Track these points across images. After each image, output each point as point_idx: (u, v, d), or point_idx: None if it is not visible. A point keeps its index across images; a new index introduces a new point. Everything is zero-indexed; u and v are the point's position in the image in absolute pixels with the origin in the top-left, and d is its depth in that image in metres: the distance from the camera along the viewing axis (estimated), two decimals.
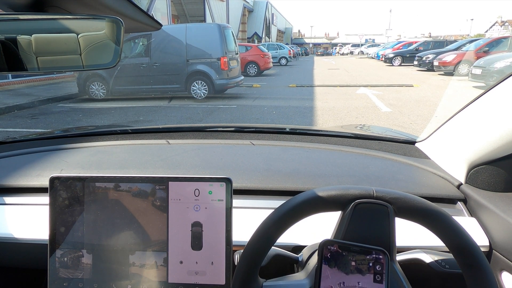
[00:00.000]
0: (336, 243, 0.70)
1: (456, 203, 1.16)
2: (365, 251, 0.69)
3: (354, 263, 0.69)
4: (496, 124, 1.02)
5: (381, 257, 0.68)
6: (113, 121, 8.32)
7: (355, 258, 0.69)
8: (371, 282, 0.68)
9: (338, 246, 0.69)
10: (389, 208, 0.75)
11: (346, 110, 8.79)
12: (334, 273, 0.68)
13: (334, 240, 0.70)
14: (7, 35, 0.74)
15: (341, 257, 0.69)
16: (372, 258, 0.68)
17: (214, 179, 0.90)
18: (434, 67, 17.83)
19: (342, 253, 0.69)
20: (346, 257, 0.69)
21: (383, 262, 0.68)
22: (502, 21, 78.59)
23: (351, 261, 0.68)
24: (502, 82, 1.03)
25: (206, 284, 0.90)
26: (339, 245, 0.70)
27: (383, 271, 0.68)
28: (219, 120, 8.22)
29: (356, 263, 0.69)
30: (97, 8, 0.79)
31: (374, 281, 0.68)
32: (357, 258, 0.69)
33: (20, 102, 9.86)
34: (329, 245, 0.70)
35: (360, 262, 0.69)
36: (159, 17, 19.45)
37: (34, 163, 1.37)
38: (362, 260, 0.69)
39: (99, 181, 0.92)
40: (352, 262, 0.68)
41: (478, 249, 0.72)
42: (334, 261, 0.69)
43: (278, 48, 28.53)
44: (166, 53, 10.96)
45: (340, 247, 0.69)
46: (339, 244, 0.70)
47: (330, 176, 1.26)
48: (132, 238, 0.91)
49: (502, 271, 0.98)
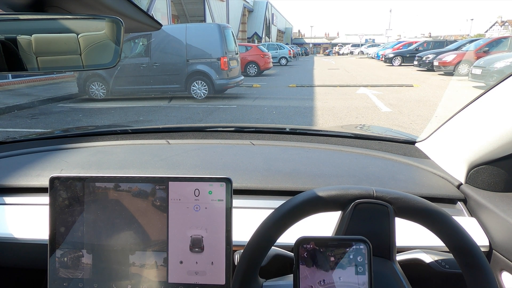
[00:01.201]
0: (312, 240, 0.68)
1: (456, 203, 1.16)
2: (344, 244, 0.67)
3: (333, 258, 0.67)
4: (496, 124, 1.02)
5: (362, 247, 0.67)
6: (113, 121, 8.32)
7: (334, 253, 0.67)
8: (353, 275, 0.67)
9: (314, 243, 0.68)
10: (389, 208, 0.75)
11: (346, 110, 8.79)
12: (313, 272, 0.67)
13: (309, 237, 0.68)
14: (7, 35, 0.74)
15: (319, 254, 0.67)
16: (353, 249, 0.67)
17: (214, 179, 0.90)
18: (434, 67, 17.83)
19: (319, 249, 0.67)
20: (324, 253, 0.67)
21: (365, 253, 0.67)
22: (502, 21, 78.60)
23: (330, 256, 0.67)
24: (502, 82, 1.03)
25: (206, 284, 0.90)
26: (315, 242, 0.68)
27: (365, 261, 0.67)
28: (219, 120, 8.22)
29: (335, 258, 0.67)
30: (97, 8, 0.79)
31: (356, 273, 0.67)
32: (336, 253, 0.67)
33: (20, 102, 9.86)
34: (305, 243, 0.68)
35: (340, 256, 0.67)
36: (159, 17, 19.45)
37: (34, 163, 1.37)
38: (341, 254, 0.67)
39: (99, 181, 0.92)
40: (331, 257, 0.67)
41: (478, 249, 0.72)
42: (311, 259, 0.67)
43: (278, 48, 28.53)
44: (166, 53, 10.96)
45: (317, 243, 0.67)
46: (315, 241, 0.68)
47: (330, 176, 1.26)
48: (132, 238, 0.91)
49: (502, 271, 0.98)
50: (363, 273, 0.67)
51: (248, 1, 40.11)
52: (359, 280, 0.67)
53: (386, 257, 0.78)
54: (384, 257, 0.77)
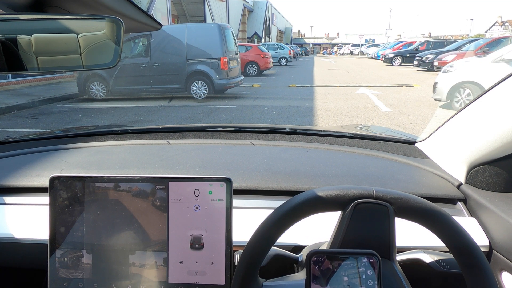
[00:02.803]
0: (324, 253, 0.68)
1: (456, 203, 1.16)
2: (354, 257, 0.67)
3: (347, 278, 0.67)
4: (496, 124, 1.02)
5: (372, 260, 0.67)
6: (113, 121, 8.32)
7: (347, 273, 0.67)
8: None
9: (326, 256, 0.67)
10: (389, 208, 0.75)
11: (346, 110, 8.79)
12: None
13: (321, 251, 0.68)
14: (7, 35, 0.74)
15: (332, 272, 0.67)
16: (363, 263, 0.67)
17: (214, 179, 0.90)
18: (434, 67, 17.78)
19: (333, 269, 0.67)
20: (338, 273, 0.67)
21: (375, 266, 0.67)
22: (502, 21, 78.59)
23: (344, 276, 0.67)
24: (502, 82, 1.03)
25: (206, 284, 0.90)
26: (327, 255, 0.68)
27: (374, 275, 0.67)
28: (219, 120, 8.22)
29: (348, 278, 0.67)
30: (97, 8, 0.79)
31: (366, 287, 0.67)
32: (349, 273, 0.67)
33: (20, 102, 9.86)
34: (316, 256, 0.68)
35: (353, 276, 0.67)
36: (159, 17, 19.45)
37: (34, 163, 1.37)
38: (354, 273, 0.67)
39: (99, 181, 0.92)
40: (344, 277, 0.67)
41: (478, 249, 0.72)
42: (324, 277, 0.67)
43: (278, 48, 28.53)
44: (166, 53, 10.96)
45: (328, 257, 0.67)
46: (326, 254, 0.68)
47: (330, 176, 1.26)
48: (132, 238, 0.91)
49: (502, 271, 0.98)
50: (372, 287, 0.67)
51: (248, 1, 40.11)
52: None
53: (386, 257, 0.78)
54: (384, 257, 0.77)
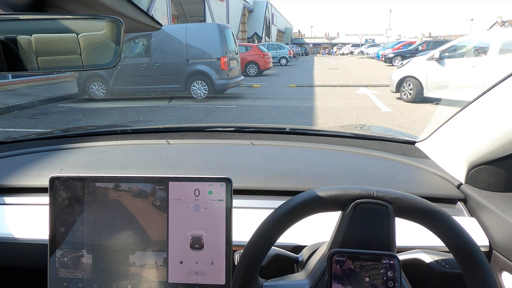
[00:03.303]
0: (345, 253, 0.68)
1: (456, 203, 1.16)
2: (375, 258, 0.68)
3: (368, 279, 0.67)
4: (496, 124, 1.02)
5: (393, 262, 0.67)
6: (113, 121, 8.32)
7: (369, 273, 0.67)
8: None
9: (348, 256, 0.68)
10: (389, 208, 0.75)
11: (346, 110, 8.79)
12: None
13: (342, 250, 0.68)
14: (7, 35, 0.74)
15: (354, 274, 0.67)
16: (384, 264, 0.67)
17: (214, 179, 0.90)
18: None
19: (354, 269, 0.67)
20: (359, 273, 0.67)
21: (395, 268, 0.67)
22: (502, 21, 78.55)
23: (365, 277, 0.67)
24: (502, 82, 1.03)
25: (206, 284, 0.90)
26: (348, 255, 0.68)
27: (395, 276, 0.67)
28: (219, 120, 8.22)
29: (370, 279, 0.67)
30: (97, 8, 0.79)
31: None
32: (370, 273, 0.67)
33: (20, 102, 9.86)
34: (338, 256, 0.68)
35: (374, 277, 0.67)
36: (159, 17, 19.45)
37: (34, 163, 1.37)
38: (376, 274, 0.67)
39: (99, 181, 0.92)
40: (366, 278, 0.67)
41: (478, 249, 0.72)
42: (346, 277, 0.67)
43: (278, 48, 28.55)
44: (166, 53, 10.97)
45: (349, 257, 0.68)
46: (348, 254, 0.68)
47: (330, 176, 1.26)
48: (132, 238, 0.91)
49: (502, 271, 0.98)
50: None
51: (248, 1, 40.12)
52: None
53: None
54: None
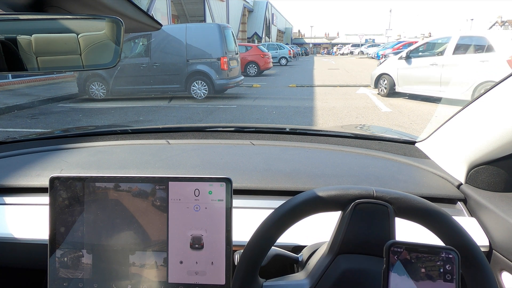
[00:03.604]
0: (403, 244, 0.67)
1: (456, 203, 1.16)
2: (434, 251, 0.66)
3: (424, 270, 0.66)
4: (496, 124, 1.02)
5: (451, 256, 0.66)
6: (113, 121, 8.32)
7: (425, 265, 0.66)
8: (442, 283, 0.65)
9: (405, 247, 0.67)
10: (389, 208, 0.75)
11: (346, 110, 8.80)
12: (404, 281, 0.66)
13: (400, 242, 0.67)
14: (7, 35, 0.74)
15: (410, 264, 0.66)
16: (442, 258, 0.66)
17: (214, 179, 0.90)
18: None
19: (410, 259, 0.66)
20: (415, 264, 0.66)
21: (454, 262, 0.66)
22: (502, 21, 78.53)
23: (421, 268, 0.66)
24: (502, 82, 1.03)
25: (206, 284, 0.90)
26: (405, 247, 0.67)
27: (453, 270, 0.66)
28: (219, 120, 8.23)
29: (426, 270, 0.66)
30: (97, 8, 0.79)
31: (444, 281, 0.66)
32: (426, 265, 0.66)
33: (20, 102, 9.86)
34: (395, 247, 0.67)
35: (430, 268, 0.66)
36: (159, 17, 19.45)
37: (34, 163, 1.37)
38: (432, 266, 0.66)
39: (99, 181, 0.92)
40: (422, 269, 0.66)
41: (478, 249, 0.72)
42: (403, 268, 0.66)
43: (278, 48, 28.56)
44: (166, 53, 10.98)
45: (407, 248, 0.67)
46: (405, 246, 0.67)
47: (330, 176, 1.26)
48: (132, 238, 0.91)
49: (502, 271, 0.98)
50: (451, 281, 0.65)
51: (248, 1, 40.12)
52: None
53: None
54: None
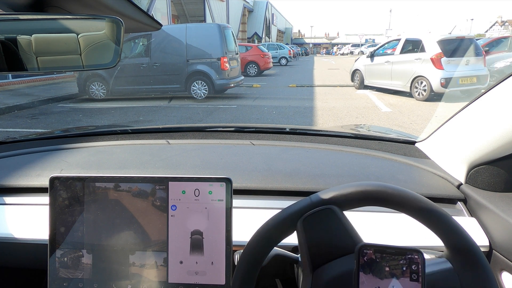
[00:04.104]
0: (372, 247, 0.69)
1: (456, 203, 1.16)
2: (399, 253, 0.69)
3: (388, 268, 0.68)
4: (496, 124, 1.02)
5: (416, 256, 0.68)
6: (113, 121, 8.33)
7: (389, 264, 0.69)
8: (408, 282, 0.68)
9: (373, 250, 0.69)
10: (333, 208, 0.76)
11: (346, 110, 8.80)
12: (369, 279, 0.68)
13: (369, 244, 0.70)
14: (7, 35, 0.74)
15: (375, 263, 0.69)
16: (407, 258, 0.68)
17: (214, 179, 0.90)
18: None
19: (376, 259, 0.69)
20: (380, 263, 0.69)
21: (419, 262, 0.68)
22: (502, 21, 78.52)
23: (385, 266, 0.68)
24: (502, 82, 1.03)
25: (206, 284, 0.90)
26: (374, 249, 0.69)
27: (419, 269, 0.68)
28: (219, 120, 8.23)
29: (390, 268, 0.68)
30: (97, 8, 0.79)
31: (410, 280, 0.68)
32: (391, 263, 0.69)
33: (20, 102, 9.87)
34: (365, 249, 0.69)
35: (394, 266, 0.69)
36: (159, 17, 19.45)
37: (34, 163, 1.37)
38: (396, 265, 0.69)
39: (99, 181, 0.92)
40: (386, 267, 0.68)
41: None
42: (368, 267, 0.69)
43: (278, 48, 28.56)
44: (166, 53, 10.98)
45: (375, 250, 0.69)
46: (374, 248, 0.69)
47: (330, 176, 1.26)
48: (132, 238, 0.91)
49: (502, 271, 0.98)
50: (417, 280, 0.68)
51: (248, 1, 40.14)
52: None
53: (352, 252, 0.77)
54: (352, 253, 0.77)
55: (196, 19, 28.45)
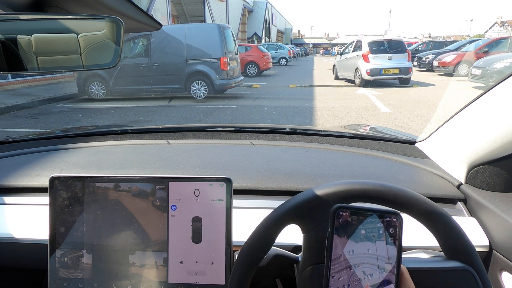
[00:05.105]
0: (348, 208, 0.68)
1: (456, 203, 1.16)
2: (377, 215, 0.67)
3: (364, 231, 0.67)
4: (496, 124, 1.02)
5: (395, 219, 0.67)
6: (113, 121, 8.33)
7: (366, 226, 0.67)
8: (383, 245, 0.67)
9: (350, 212, 0.68)
10: None
11: (346, 111, 8.80)
12: (344, 242, 0.67)
13: (345, 206, 0.68)
14: (7, 35, 0.74)
15: (351, 226, 0.67)
16: (385, 221, 0.67)
17: (214, 179, 0.91)
18: (434, 68, 17.81)
19: (351, 222, 0.67)
20: (355, 225, 0.67)
21: (397, 225, 0.67)
22: (502, 22, 78.64)
23: (361, 229, 0.67)
24: (502, 82, 1.03)
25: (206, 284, 0.90)
26: (350, 211, 0.68)
27: (396, 233, 0.67)
28: (218, 120, 8.23)
29: (366, 231, 0.67)
30: (97, 8, 0.79)
31: (386, 244, 0.67)
32: (367, 226, 0.67)
33: (20, 102, 9.86)
34: (341, 211, 0.68)
35: (371, 230, 0.67)
36: (159, 17, 19.45)
37: (34, 163, 1.37)
38: (372, 228, 0.67)
39: (99, 181, 0.92)
40: (362, 230, 0.67)
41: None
42: (343, 230, 0.67)
43: (278, 49, 28.56)
44: (166, 53, 10.98)
45: (352, 213, 0.68)
46: (351, 210, 0.68)
47: (330, 176, 1.26)
48: (132, 238, 0.91)
49: (502, 271, 0.98)
50: (393, 244, 0.67)
51: (248, 2, 40.15)
52: (388, 253, 0.67)
53: None
54: None
55: (196, 19, 28.44)
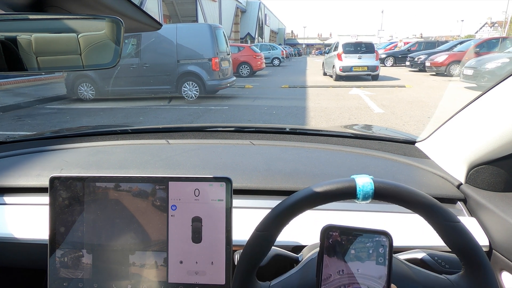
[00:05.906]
0: (338, 228, 0.68)
1: (456, 203, 1.17)
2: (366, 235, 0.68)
3: (354, 251, 0.68)
4: (495, 124, 1.03)
5: (384, 239, 0.68)
6: (101, 123, 8.24)
7: (355, 246, 0.68)
8: (373, 266, 0.67)
9: (339, 232, 0.68)
10: None
11: (339, 111, 8.82)
12: (333, 262, 0.68)
13: (335, 226, 0.69)
14: (7, 35, 0.74)
15: (340, 245, 0.68)
16: (374, 241, 0.68)
17: (214, 179, 0.91)
18: (426, 68, 17.96)
19: (341, 241, 0.68)
20: (344, 245, 0.68)
21: (386, 245, 0.68)
22: (492, 22, 79.32)
23: (351, 249, 0.68)
24: (502, 82, 1.03)
25: (206, 284, 0.90)
26: (340, 231, 0.68)
27: (386, 252, 0.67)
28: (209, 121, 8.19)
29: (355, 251, 0.68)
30: (97, 8, 0.79)
31: (376, 263, 0.68)
32: (357, 246, 0.68)
33: (5, 104, 9.70)
34: (330, 231, 0.69)
35: (360, 249, 0.68)
36: None
37: (34, 163, 1.36)
38: (362, 247, 0.68)
39: (99, 181, 0.92)
40: (351, 250, 0.68)
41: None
42: (333, 249, 0.68)
43: (271, 49, 28.57)
44: (157, 54, 10.88)
45: (341, 232, 0.68)
46: (340, 230, 0.68)
47: (330, 176, 1.26)
48: (132, 238, 0.91)
49: (502, 271, 0.98)
50: (383, 264, 0.67)
51: (240, 2, 40.17)
52: (378, 273, 0.68)
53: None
54: None
55: (188, 19, 28.40)
